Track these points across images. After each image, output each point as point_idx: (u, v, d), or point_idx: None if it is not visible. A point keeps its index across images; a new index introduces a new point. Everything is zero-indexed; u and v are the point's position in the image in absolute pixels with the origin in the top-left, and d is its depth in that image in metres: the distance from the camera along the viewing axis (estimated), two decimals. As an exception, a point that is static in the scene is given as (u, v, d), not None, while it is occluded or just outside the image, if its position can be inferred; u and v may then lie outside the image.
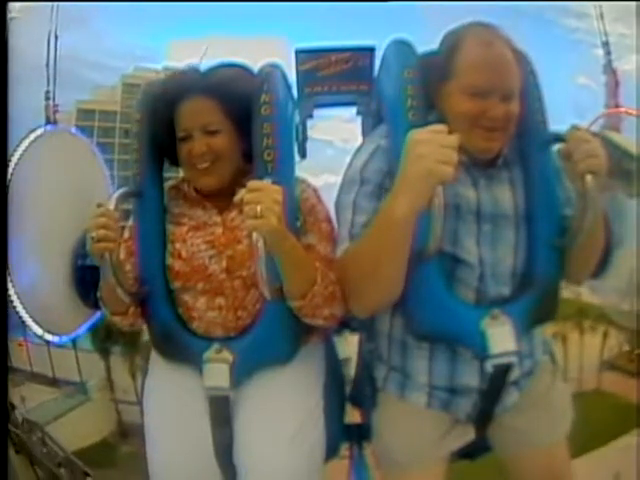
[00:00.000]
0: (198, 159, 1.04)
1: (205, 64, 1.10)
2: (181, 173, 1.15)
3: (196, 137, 1.03)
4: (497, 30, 1.01)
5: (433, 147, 0.81)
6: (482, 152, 1.00)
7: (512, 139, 1.06)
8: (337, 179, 1.07)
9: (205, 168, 1.04)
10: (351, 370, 1.27)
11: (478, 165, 1.03)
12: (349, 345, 1.48)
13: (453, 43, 1.01)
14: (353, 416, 1.28)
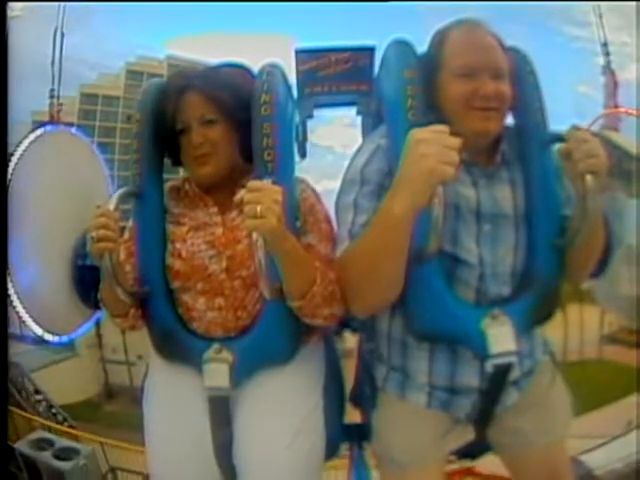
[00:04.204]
0: (196, 149, 1.05)
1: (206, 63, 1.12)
2: (181, 173, 1.16)
3: (194, 128, 1.05)
4: (481, 23, 1.04)
5: (435, 147, 0.81)
6: (480, 135, 1.00)
7: (512, 139, 1.07)
8: (337, 185, 1.07)
9: (202, 158, 1.05)
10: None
11: (478, 165, 1.04)
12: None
13: (439, 38, 1.04)
14: (353, 416, 1.28)
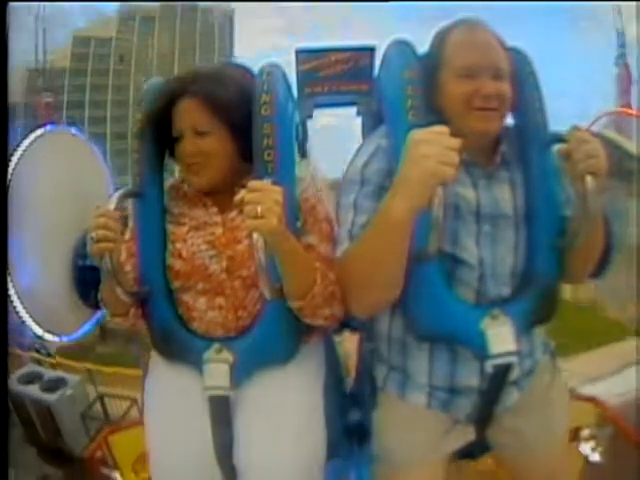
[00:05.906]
0: (188, 159, 1.04)
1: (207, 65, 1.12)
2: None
3: (187, 137, 1.04)
4: (482, 22, 1.04)
5: (436, 148, 0.81)
6: (481, 135, 1.01)
7: (512, 139, 1.07)
8: (332, 120, 1.07)
9: (195, 167, 1.05)
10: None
11: (478, 165, 1.04)
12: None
13: (440, 38, 1.05)
14: (353, 416, 1.28)
